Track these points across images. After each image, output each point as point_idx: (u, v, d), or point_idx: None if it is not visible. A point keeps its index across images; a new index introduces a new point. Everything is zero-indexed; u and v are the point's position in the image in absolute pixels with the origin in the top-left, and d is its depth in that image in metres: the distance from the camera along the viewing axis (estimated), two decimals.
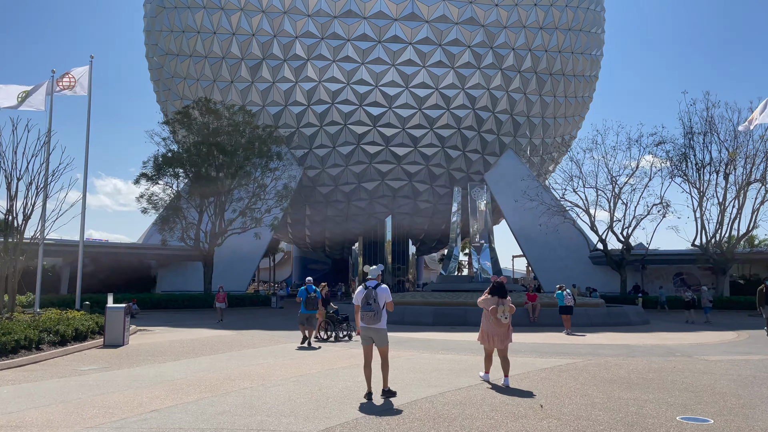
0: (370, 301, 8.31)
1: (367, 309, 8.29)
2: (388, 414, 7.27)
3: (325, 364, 11.65)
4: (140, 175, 34.58)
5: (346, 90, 45.68)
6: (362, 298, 8.38)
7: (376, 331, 8.36)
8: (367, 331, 8.37)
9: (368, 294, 8.36)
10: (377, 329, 8.35)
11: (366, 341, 8.46)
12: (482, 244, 30.76)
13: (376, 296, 8.35)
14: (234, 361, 12.15)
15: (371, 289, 8.42)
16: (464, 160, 49.86)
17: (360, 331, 8.48)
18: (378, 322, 8.28)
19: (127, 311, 15.95)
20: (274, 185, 37.01)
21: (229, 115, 36.44)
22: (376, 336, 8.38)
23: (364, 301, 8.34)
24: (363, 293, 8.42)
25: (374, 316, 8.25)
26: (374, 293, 8.37)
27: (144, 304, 34.30)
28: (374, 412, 7.35)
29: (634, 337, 17.94)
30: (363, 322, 8.32)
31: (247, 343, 15.95)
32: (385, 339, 8.45)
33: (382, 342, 8.42)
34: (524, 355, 13.11)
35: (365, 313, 8.29)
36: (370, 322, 8.28)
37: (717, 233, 39.11)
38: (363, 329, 8.39)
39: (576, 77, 52.05)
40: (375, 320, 8.26)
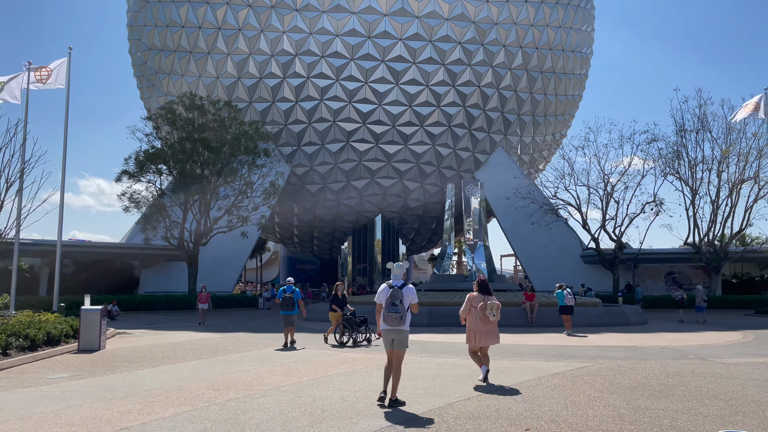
0: (396, 302, 7.73)
1: (391, 310, 7.71)
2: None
3: (318, 370, 10.75)
4: (122, 172, 33.47)
5: (335, 86, 44.75)
6: (386, 297, 7.79)
7: (399, 333, 7.81)
8: (390, 334, 7.84)
9: (393, 294, 7.78)
10: (400, 331, 7.80)
11: (388, 345, 7.91)
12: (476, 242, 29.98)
13: (401, 296, 7.79)
14: (218, 368, 11.21)
15: (396, 288, 7.84)
16: (455, 158, 49.11)
17: (381, 333, 7.97)
18: (403, 324, 7.74)
19: (103, 313, 14.93)
20: (261, 183, 36.00)
21: (215, 110, 35.36)
22: (398, 338, 7.82)
23: (388, 301, 7.76)
24: (387, 292, 7.84)
25: (399, 318, 7.70)
26: (400, 293, 7.80)
27: (126, 305, 33.20)
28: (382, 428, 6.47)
29: (637, 338, 17.22)
30: (386, 324, 7.78)
31: (232, 347, 15.00)
32: (406, 341, 7.94)
33: (402, 344, 7.86)
34: (529, 358, 12.29)
35: (390, 314, 7.71)
36: (394, 324, 7.72)
37: (710, 231, 38.72)
38: (385, 331, 7.87)
39: (566, 75, 51.53)
40: (400, 322, 7.71)
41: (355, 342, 15.35)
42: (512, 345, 14.84)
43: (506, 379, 9.55)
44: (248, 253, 44.58)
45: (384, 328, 7.85)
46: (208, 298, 23.97)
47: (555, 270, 43.24)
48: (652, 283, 46.11)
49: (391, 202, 51.80)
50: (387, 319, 7.74)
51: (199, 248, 35.52)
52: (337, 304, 16.10)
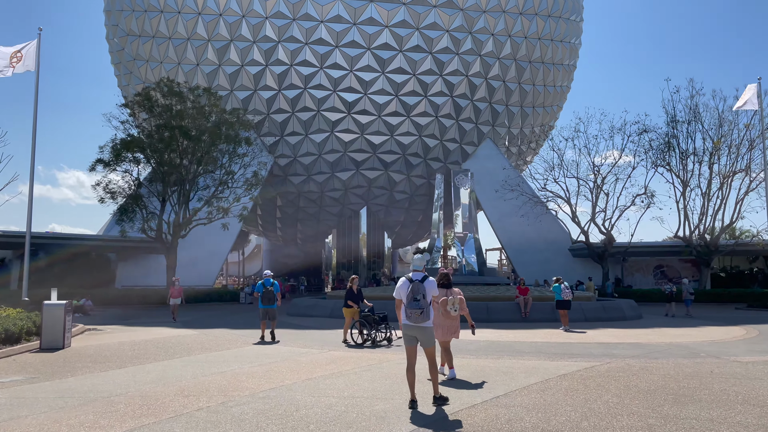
0: (418, 297, 7.19)
1: (414, 306, 7.18)
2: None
3: (302, 372, 9.73)
4: (96, 161, 31.95)
5: (319, 74, 43.53)
6: (407, 292, 7.26)
7: (422, 330, 7.28)
8: (412, 330, 7.31)
9: (415, 288, 7.24)
10: (423, 328, 7.27)
11: (410, 341, 7.37)
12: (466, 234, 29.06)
13: (424, 291, 7.25)
14: (191, 369, 10.14)
15: (418, 282, 7.30)
16: (442, 149, 48.18)
17: (402, 330, 7.44)
18: (426, 320, 7.25)
19: (68, 309, 13.77)
20: (243, 173, 34.74)
21: (194, 97, 33.99)
22: (421, 335, 7.29)
23: (410, 296, 7.22)
24: (407, 287, 7.31)
25: (422, 314, 7.18)
26: (422, 287, 7.26)
27: (100, 299, 31.87)
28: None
29: (637, 333, 16.41)
30: (408, 320, 7.29)
31: (209, 344, 13.92)
32: (433, 339, 7.46)
33: (429, 342, 7.34)
34: (531, 357, 11.38)
35: (412, 310, 7.18)
36: (417, 321, 7.21)
37: (700, 224, 38.24)
38: (406, 328, 7.35)
39: (555, 65, 50.80)
40: (423, 318, 7.20)
41: (374, 342, 13.71)
42: (510, 342, 13.94)
43: (512, 383, 8.61)
44: (229, 246, 43.33)
45: (405, 324, 7.33)
46: (181, 292, 22.40)
47: (543, 263, 42.60)
48: (641, 277, 45.64)
49: (376, 194, 50.77)
50: (410, 315, 7.21)
51: (177, 241, 34.21)
52: (353, 300, 14.60)
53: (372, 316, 13.95)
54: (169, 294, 22.28)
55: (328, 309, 22.37)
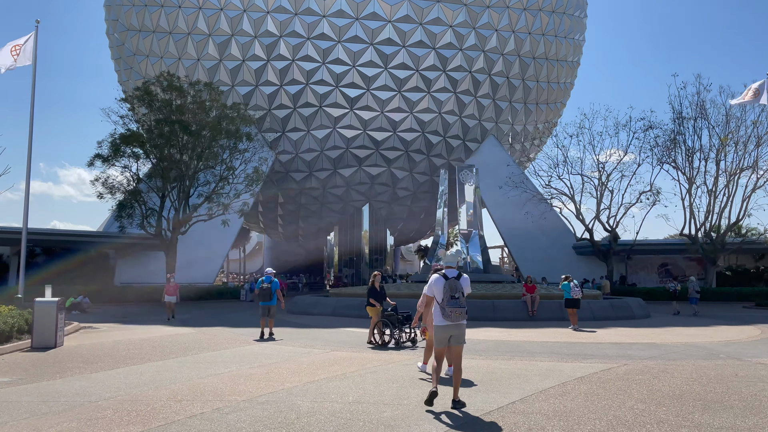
0: (456, 294, 6.89)
1: (454, 304, 6.85)
2: None
3: (303, 373, 9.22)
4: (95, 156, 31.42)
5: (322, 69, 42.99)
6: (443, 290, 6.92)
7: (458, 328, 7.01)
8: (448, 330, 6.98)
9: (453, 285, 6.93)
10: (460, 326, 7.03)
11: (442, 342, 7.06)
12: (471, 231, 28.52)
13: (461, 288, 6.99)
14: (186, 370, 9.64)
15: (453, 279, 7.00)
16: (445, 146, 47.68)
17: (432, 331, 7.18)
18: (465, 318, 7.03)
19: (60, 306, 13.27)
20: (244, 168, 34.22)
21: (194, 92, 33.46)
22: (457, 333, 7.01)
23: (447, 294, 6.89)
24: (443, 283, 6.97)
25: (464, 313, 6.94)
26: (459, 285, 6.99)
27: (99, 297, 31.43)
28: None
29: (649, 333, 15.89)
30: (446, 320, 6.92)
31: (207, 343, 13.42)
32: (464, 336, 7.22)
33: (461, 339, 7.11)
34: (543, 358, 10.86)
35: (452, 309, 6.85)
36: (457, 319, 6.91)
37: (706, 222, 37.66)
38: (443, 328, 6.98)
39: (559, 62, 50.23)
40: (464, 316, 6.97)
41: (398, 343, 12.83)
42: (519, 342, 13.42)
43: (526, 386, 8.10)
44: (230, 243, 42.84)
45: (441, 324, 6.97)
46: (177, 289, 21.16)
47: (546, 261, 42.08)
48: (645, 275, 45.13)
49: (379, 191, 50.29)
50: (450, 314, 6.86)
51: (177, 237, 33.71)
52: (376, 298, 13.48)
53: (395, 316, 13.01)
54: (164, 291, 21.07)
55: (330, 307, 21.87)
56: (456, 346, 7.04)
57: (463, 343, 7.14)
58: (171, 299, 20.57)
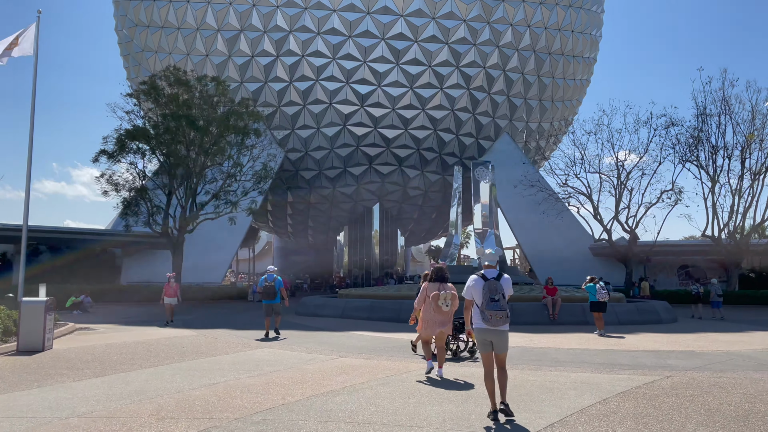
0: (496, 296, 6.40)
1: (494, 307, 6.37)
2: None
3: (307, 385, 8.22)
4: (99, 152, 30.66)
5: (332, 66, 42.07)
6: (483, 291, 6.44)
7: (500, 334, 6.51)
8: (489, 335, 6.50)
9: (492, 287, 6.43)
10: (501, 332, 6.51)
11: (486, 347, 6.56)
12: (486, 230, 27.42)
13: (502, 290, 6.49)
14: (178, 379, 8.67)
15: (494, 280, 6.50)
16: (457, 144, 46.59)
17: (474, 334, 6.66)
18: (507, 323, 6.50)
19: (49, 306, 12.37)
20: (252, 165, 33.34)
21: (201, 86, 32.62)
22: (498, 339, 6.51)
23: (487, 296, 6.39)
24: (482, 285, 6.48)
25: (506, 317, 6.45)
26: (500, 286, 6.49)
27: (104, 296, 30.71)
28: None
29: (682, 339, 14.76)
30: (485, 324, 6.44)
31: (206, 348, 12.47)
32: (507, 343, 6.66)
33: (504, 347, 6.59)
34: (575, 368, 9.80)
35: (493, 312, 6.36)
36: (498, 323, 6.41)
37: (729, 222, 36.29)
38: (482, 332, 6.52)
39: (575, 58, 49.00)
40: (505, 320, 6.46)
41: (454, 353, 11.09)
42: (544, 349, 12.35)
43: (563, 403, 7.05)
44: (239, 242, 41.97)
45: (480, 328, 6.49)
46: (177, 290, 18.99)
47: (562, 263, 40.84)
48: (664, 278, 43.79)
49: (389, 190, 49.28)
50: (491, 318, 6.36)
51: (184, 236, 32.90)
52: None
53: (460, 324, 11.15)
54: (163, 293, 18.85)
55: (338, 309, 20.88)
56: (501, 354, 6.53)
57: (505, 351, 6.59)
58: (171, 301, 18.66)
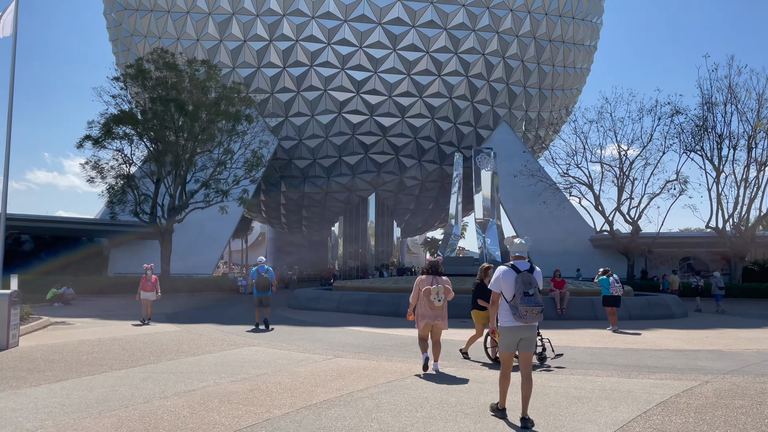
0: (530, 290, 5.74)
1: (529, 302, 5.71)
2: None
3: (297, 393, 7.14)
4: (84, 137, 29.42)
5: (327, 51, 40.83)
6: (515, 285, 5.76)
7: (530, 330, 5.90)
8: (518, 332, 5.87)
9: (526, 279, 5.77)
10: (532, 327, 5.91)
11: (511, 347, 5.95)
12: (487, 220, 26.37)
13: (536, 283, 5.86)
14: (150, 385, 7.58)
15: (526, 272, 5.84)
16: (455, 132, 45.49)
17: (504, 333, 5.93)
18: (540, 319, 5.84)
19: (14, 299, 11.23)
20: (243, 153, 32.15)
21: (191, 70, 31.36)
22: (528, 336, 5.90)
23: (520, 289, 5.72)
24: (513, 277, 5.81)
25: (540, 312, 5.79)
26: (534, 279, 5.84)
27: (90, 288, 29.55)
28: None
29: (703, 336, 13.77)
30: (519, 320, 5.77)
31: (188, 346, 11.37)
32: (535, 340, 6.14)
33: (532, 345, 5.97)
34: (597, 370, 8.76)
35: (528, 307, 5.70)
36: (531, 320, 5.77)
37: (734, 213, 35.32)
38: (514, 330, 5.86)
39: (576, 45, 47.91)
40: (539, 317, 5.81)
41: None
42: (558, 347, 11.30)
43: (598, 418, 6.00)
44: (230, 232, 40.77)
45: (510, 325, 5.84)
46: (157, 283, 16.40)
47: (561, 255, 39.85)
48: (666, 270, 42.89)
49: (385, 180, 48.18)
50: (524, 314, 5.68)
51: (173, 225, 31.75)
52: (486, 298, 9.50)
53: None
54: (140, 286, 16.19)
55: (333, 302, 19.81)
56: (528, 352, 5.91)
57: (533, 349, 5.98)
58: (149, 296, 16.00)
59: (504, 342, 5.93)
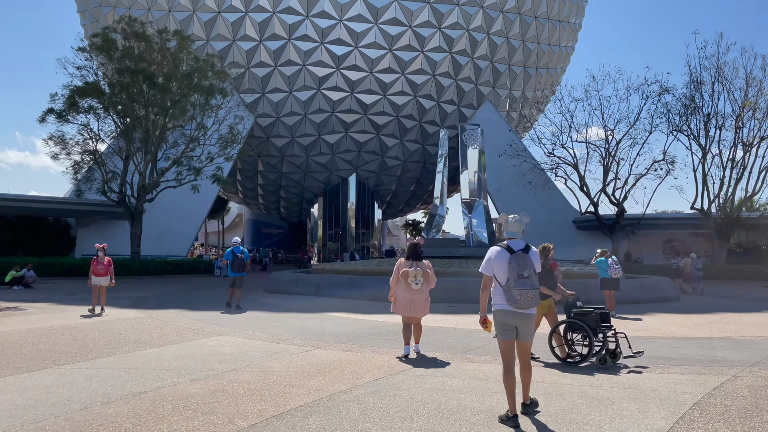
0: (526, 273, 5.18)
1: (523, 285, 5.16)
2: None
3: (267, 396, 6.04)
4: (47, 111, 27.67)
5: (305, 24, 39.18)
6: (508, 266, 5.21)
7: (527, 318, 5.29)
8: (513, 319, 5.26)
9: (520, 261, 5.22)
10: (528, 315, 5.29)
11: (508, 334, 5.32)
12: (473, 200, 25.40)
13: (532, 265, 5.27)
14: (95, 385, 6.42)
15: (521, 253, 5.31)
16: (438, 111, 44.29)
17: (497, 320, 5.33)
18: (536, 305, 5.26)
19: None
20: (218, 128, 30.64)
21: (161, 41, 29.65)
22: (524, 324, 5.29)
23: (514, 271, 5.17)
24: (507, 258, 5.25)
25: (537, 297, 5.23)
26: (529, 260, 5.27)
27: (55, 270, 28.07)
28: None
29: (708, 322, 12.95)
30: (511, 306, 5.19)
31: (149, 335, 10.19)
32: (534, 329, 5.47)
33: (530, 333, 5.40)
34: None
35: (523, 291, 5.14)
36: (528, 305, 5.19)
37: (720, 194, 34.87)
38: (506, 315, 5.27)
39: (561, 23, 46.87)
40: (536, 302, 5.23)
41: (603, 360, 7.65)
42: None
43: (628, 427, 5.00)
44: (205, 213, 39.25)
45: (504, 309, 5.24)
46: (110, 267, 13.97)
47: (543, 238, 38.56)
48: (649, 252, 42.55)
49: (366, 159, 46.89)
50: (518, 299, 5.13)
51: (143, 205, 30.25)
52: (549, 285, 8.30)
53: (591, 313, 7.96)
54: (91, 270, 13.88)
55: (313, 286, 18.70)
56: (526, 343, 5.32)
57: (531, 338, 5.38)
58: (101, 282, 13.76)
59: (499, 329, 5.34)
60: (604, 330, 7.89)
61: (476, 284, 16.80)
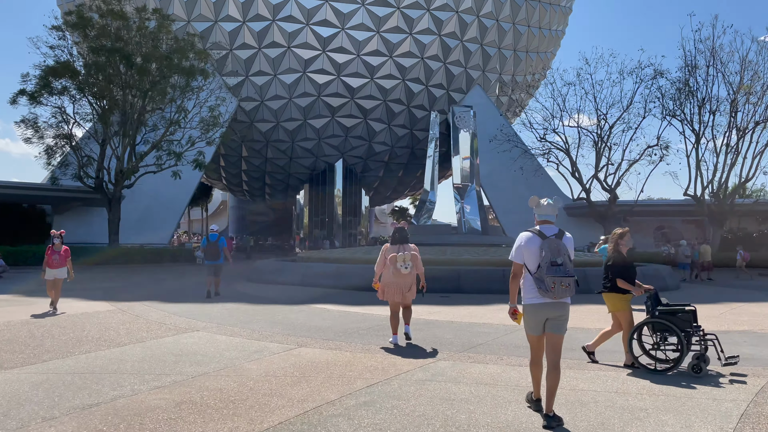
0: (559, 260, 4.57)
1: (557, 272, 4.54)
2: None
3: (242, 409, 5.13)
4: (18, 92, 26.32)
5: (290, 4, 37.94)
6: (540, 253, 4.62)
7: (562, 308, 4.70)
8: (545, 311, 4.69)
9: (554, 246, 4.63)
10: (563, 304, 4.70)
11: (538, 328, 4.76)
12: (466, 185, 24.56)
13: (566, 251, 4.67)
14: (41, 394, 5.49)
15: (553, 238, 4.70)
16: (427, 95, 43.30)
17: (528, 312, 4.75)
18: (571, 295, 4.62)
19: None
20: (199, 111, 29.45)
21: (140, 20, 28.33)
22: (558, 315, 4.70)
23: (547, 258, 4.56)
24: (539, 244, 4.67)
25: (572, 285, 4.60)
26: (563, 246, 4.68)
27: (29, 258, 26.89)
28: None
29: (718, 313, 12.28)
30: (545, 296, 4.61)
31: (116, 331, 9.23)
32: (567, 321, 4.79)
33: (562, 327, 4.75)
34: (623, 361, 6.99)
35: (557, 279, 4.53)
36: (561, 295, 4.57)
37: (713, 180, 34.32)
38: (538, 308, 4.69)
39: (552, 6, 45.96)
40: (571, 291, 4.60)
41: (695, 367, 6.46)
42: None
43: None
44: (187, 199, 38.09)
45: (536, 302, 4.72)
46: (68, 256, 12.28)
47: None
48: (641, 238, 42.06)
49: (353, 145, 45.85)
50: (551, 287, 4.56)
51: (121, 191, 29.07)
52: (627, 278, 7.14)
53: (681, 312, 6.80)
54: (45, 261, 12.04)
55: (298, 275, 17.77)
56: (558, 335, 4.77)
57: (564, 332, 4.82)
58: (56, 273, 11.93)
59: (529, 323, 4.89)
60: (696, 331, 6.72)
61: (472, 274, 15.99)
